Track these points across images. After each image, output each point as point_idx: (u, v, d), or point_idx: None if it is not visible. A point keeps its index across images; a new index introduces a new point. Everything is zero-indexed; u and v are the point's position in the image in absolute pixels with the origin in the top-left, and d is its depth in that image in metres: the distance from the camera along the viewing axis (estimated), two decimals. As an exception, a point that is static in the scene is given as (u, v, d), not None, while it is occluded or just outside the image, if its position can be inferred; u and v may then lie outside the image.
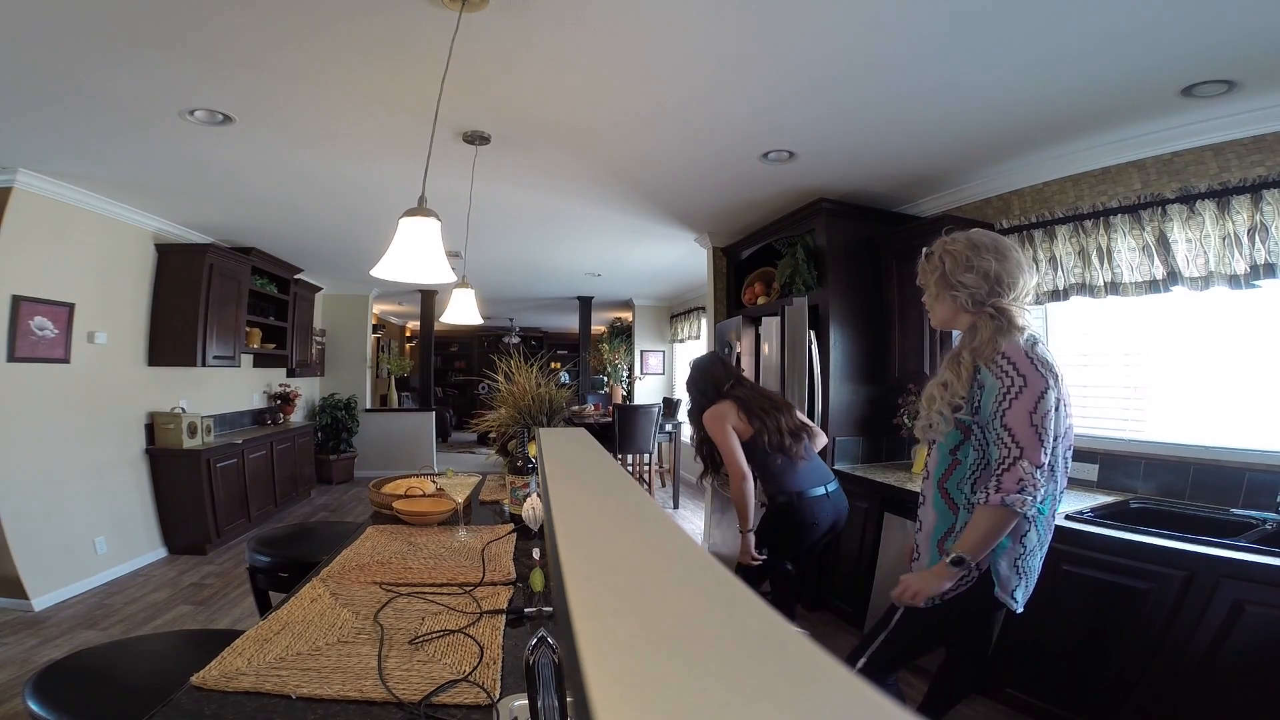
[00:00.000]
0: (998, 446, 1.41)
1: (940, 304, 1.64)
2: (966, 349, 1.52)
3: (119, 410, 3.92)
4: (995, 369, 1.44)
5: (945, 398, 1.53)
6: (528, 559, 1.55)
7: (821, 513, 2.33)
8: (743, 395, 2.42)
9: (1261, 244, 2.10)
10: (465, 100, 2.28)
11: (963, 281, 1.54)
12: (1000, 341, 1.47)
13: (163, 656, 1.36)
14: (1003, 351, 1.45)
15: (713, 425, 2.39)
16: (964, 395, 1.50)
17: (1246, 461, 2.21)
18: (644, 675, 0.22)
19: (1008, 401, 1.40)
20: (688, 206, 3.81)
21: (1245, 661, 1.67)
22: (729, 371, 2.55)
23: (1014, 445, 1.38)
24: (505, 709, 0.94)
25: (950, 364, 1.56)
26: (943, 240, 1.63)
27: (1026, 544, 1.52)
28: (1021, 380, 1.40)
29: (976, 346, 1.50)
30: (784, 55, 1.97)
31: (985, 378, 1.45)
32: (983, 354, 1.48)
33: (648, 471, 6.17)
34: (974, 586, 1.53)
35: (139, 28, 1.82)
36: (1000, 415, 1.40)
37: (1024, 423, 1.37)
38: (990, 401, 1.44)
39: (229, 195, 3.60)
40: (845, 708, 0.21)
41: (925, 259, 1.66)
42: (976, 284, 1.53)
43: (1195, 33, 1.78)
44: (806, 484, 2.33)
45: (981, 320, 1.53)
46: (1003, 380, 1.42)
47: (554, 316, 11.06)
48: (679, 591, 0.31)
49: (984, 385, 1.46)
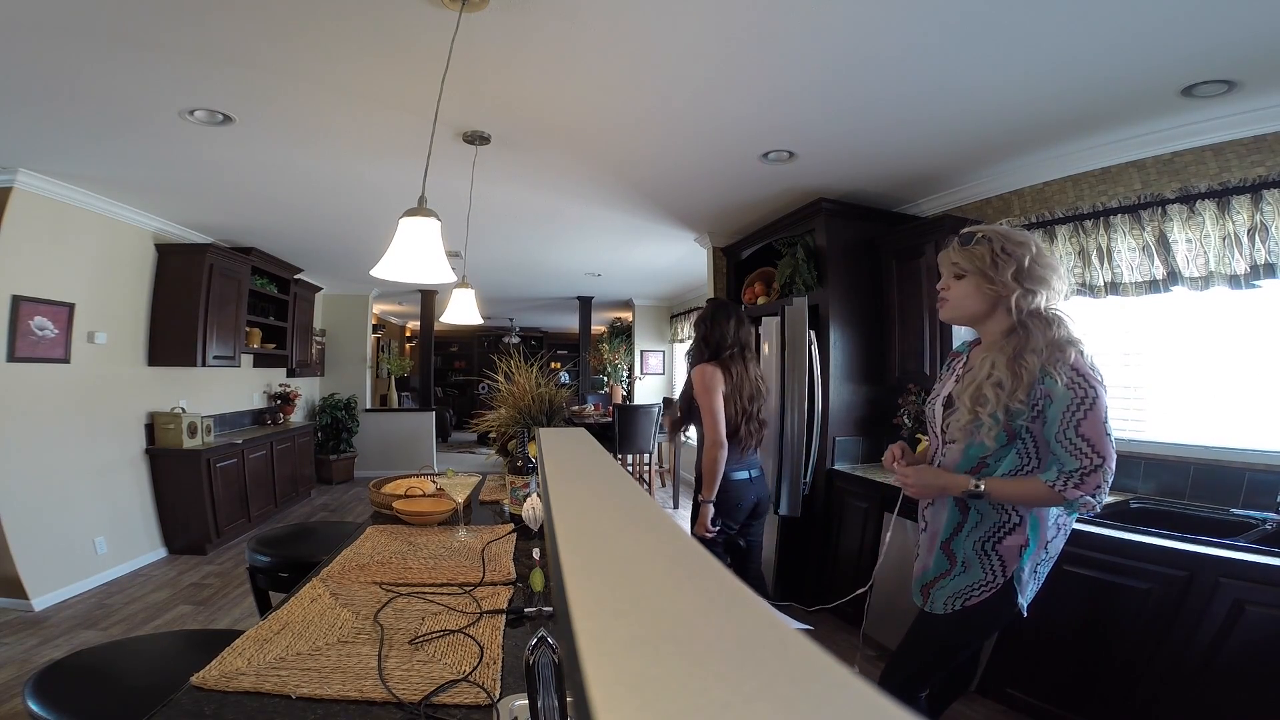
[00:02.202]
0: (1075, 456, 1.39)
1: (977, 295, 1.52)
2: (1029, 352, 1.43)
3: (119, 410, 3.92)
4: (1065, 380, 1.40)
5: (1001, 399, 1.45)
6: (528, 559, 1.55)
7: (745, 494, 2.41)
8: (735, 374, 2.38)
9: (1261, 244, 2.10)
10: (465, 100, 2.28)
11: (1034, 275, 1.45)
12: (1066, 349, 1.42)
13: (163, 656, 1.36)
14: (1071, 364, 1.40)
15: (699, 387, 2.37)
16: (1024, 399, 1.43)
17: (1246, 461, 2.21)
18: (644, 675, 0.22)
19: (1082, 413, 1.39)
20: (688, 206, 3.81)
21: (1245, 661, 1.67)
22: (738, 336, 2.44)
23: (1094, 455, 1.38)
24: (505, 709, 0.93)
25: (1008, 365, 1.45)
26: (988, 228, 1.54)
27: (1050, 551, 1.51)
28: (1094, 392, 1.39)
29: (1039, 349, 1.43)
30: (784, 55, 1.97)
31: (1053, 388, 1.40)
32: (1051, 361, 1.42)
33: (648, 471, 6.17)
34: (999, 594, 1.49)
35: (139, 28, 1.82)
36: (1074, 426, 1.39)
37: (1099, 433, 1.39)
38: (1059, 412, 1.40)
39: (229, 195, 3.60)
40: (845, 707, 0.21)
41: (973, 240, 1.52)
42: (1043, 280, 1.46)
43: (1195, 33, 1.78)
44: (735, 469, 2.39)
45: (1036, 322, 1.46)
46: (1075, 392, 1.39)
47: (554, 316, 11.06)
48: (679, 591, 0.31)
49: (1051, 396, 1.41)
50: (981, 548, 1.51)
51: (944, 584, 1.57)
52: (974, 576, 1.51)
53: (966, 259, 1.52)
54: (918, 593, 1.65)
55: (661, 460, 7.08)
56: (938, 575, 1.59)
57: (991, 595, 1.49)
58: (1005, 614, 1.52)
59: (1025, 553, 1.47)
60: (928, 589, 1.62)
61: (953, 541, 1.56)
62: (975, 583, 1.51)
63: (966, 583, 1.52)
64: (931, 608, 1.59)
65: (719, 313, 2.48)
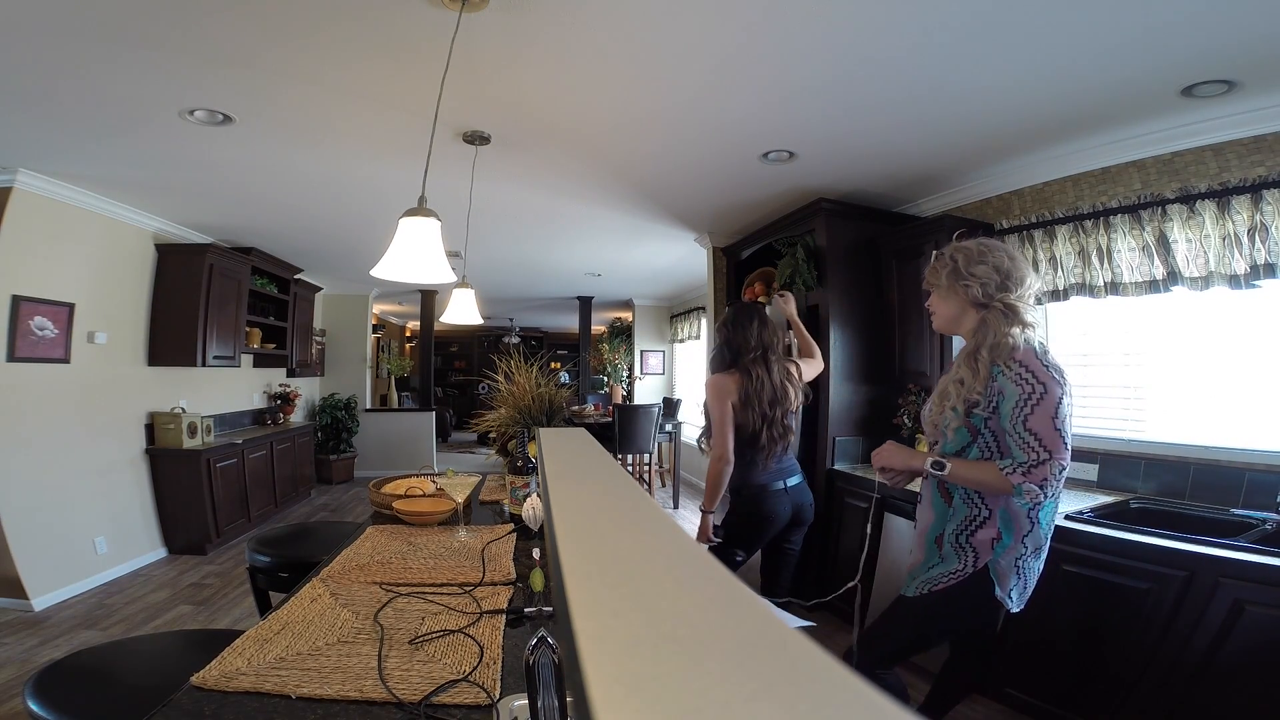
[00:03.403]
0: (1023, 450, 1.46)
1: (948, 302, 1.66)
2: (984, 346, 1.54)
3: (119, 410, 3.92)
4: (1013, 376, 1.48)
5: (960, 394, 1.57)
6: (528, 559, 1.55)
7: (779, 506, 2.31)
8: (755, 377, 2.27)
9: (1261, 244, 2.10)
10: (465, 100, 2.28)
11: (974, 273, 1.58)
12: (1014, 341, 1.50)
13: (163, 656, 1.36)
14: (1019, 359, 1.48)
15: (712, 396, 2.31)
16: (980, 392, 1.53)
17: (1246, 461, 2.21)
18: (644, 675, 0.22)
19: (1029, 408, 1.45)
20: (688, 206, 3.81)
21: (1245, 661, 1.67)
22: (761, 338, 2.32)
23: (1041, 449, 1.44)
24: (505, 709, 0.94)
25: (967, 361, 1.58)
26: (953, 244, 1.69)
27: (1028, 544, 1.54)
28: (1042, 387, 1.45)
29: (994, 344, 1.53)
30: (784, 55, 1.97)
31: (1004, 385, 1.49)
32: (1000, 354, 1.51)
33: (648, 471, 6.18)
34: (966, 582, 1.56)
35: (139, 28, 1.82)
36: (1023, 420, 1.46)
37: (1048, 427, 1.44)
38: (1010, 408, 1.48)
39: (229, 195, 3.60)
40: (845, 707, 0.21)
41: (936, 258, 1.70)
42: (988, 275, 1.57)
43: (1195, 33, 1.78)
44: (769, 478, 2.31)
45: (991, 315, 1.57)
46: (1022, 387, 1.46)
47: (554, 316, 11.06)
48: (679, 591, 0.31)
49: (1003, 392, 1.49)
50: (957, 540, 1.59)
51: (917, 571, 1.68)
52: (949, 565, 1.60)
53: (931, 274, 1.71)
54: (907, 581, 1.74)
55: (661, 460, 7.08)
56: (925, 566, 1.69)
57: (959, 582, 1.57)
58: (982, 603, 1.58)
59: (998, 545, 1.55)
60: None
61: (942, 536, 1.64)
62: (948, 571, 1.60)
63: (941, 570, 1.61)
64: (904, 590, 1.70)
65: (741, 315, 2.37)
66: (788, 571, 2.47)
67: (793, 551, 2.45)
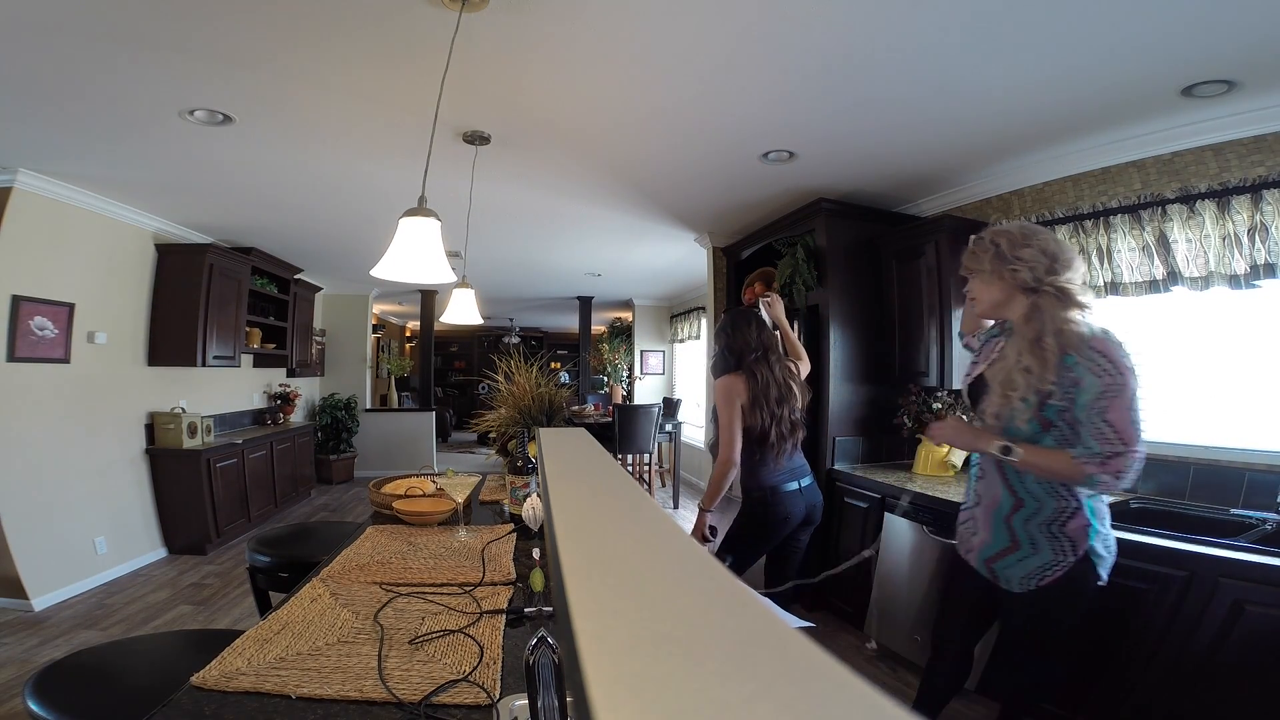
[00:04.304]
0: (1098, 440, 1.42)
1: (991, 287, 1.60)
2: (1047, 334, 1.48)
3: (119, 410, 3.92)
4: (1093, 366, 1.43)
5: (1030, 384, 1.50)
6: (528, 559, 1.55)
7: (794, 507, 2.32)
8: (761, 377, 2.30)
9: (1261, 244, 2.10)
10: (465, 100, 2.28)
11: (1021, 257, 1.52)
12: (1082, 329, 1.45)
13: (163, 656, 1.36)
14: (1097, 348, 1.43)
15: (721, 399, 2.32)
16: (1054, 382, 1.47)
17: (1246, 461, 2.21)
18: (644, 675, 0.22)
19: (1107, 400, 1.41)
20: (688, 206, 3.81)
21: (1245, 661, 1.67)
22: (761, 339, 2.38)
23: (1117, 440, 1.41)
24: (505, 709, 0.94)
25: (1031, 349, 1.50)
26: (991, 228, 1.63)
27: (1106, 525, 1.57)
28: (1123, 379, 1.41)
29: (1058, 330, 1.47)
30: (784, 55, 1.97)
31: (1082, 375, 1.44)
32: (1071, 341, 1.45)
33: (648, 471, 6.18)
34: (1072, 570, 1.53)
35: (139, 28, 1.82)
36: (1100, 412, 1.42)
37: (1125, 419, 1.41)
38: (1088, 399, 1.43)
39: (229, 195, 3.60)
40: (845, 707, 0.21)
41: (975, 242, 1.64)
42: (1035, 258, 1.52)
43: (1195, 33, 1.78)
44: (782, 479, 2.31)
45: (1044, 300, 1.51)
46: (1103, 379, 1.42)
47: (554, 316, 11.06)
48: (679, 591, 0.31)
49: (1081, 383, 1.44)
50: (1049, 530, 1.56)
51: (1011, 562, 1.62)
52: (1044, 557, 1.56)
53: (971, 258, 1.65)
54: (981, 565, 1.71)
55: (661, 460, 7.08)
56: (1000, 551, 1.65)
57: (1066, 572, 1.54)
58: (1089, 587, 1.56)
59: (1091, 532, 1.53)
60: (991, 563, 1.68)
61: (1012, 519, 1.61)
62: (1047, 563, 1.56)
63: (1038, 563, 1.57)
64: (1008, 585, 1.65)
65: (739, 319, 2.43)
66: (792, 568, 2.48)
67: (798, 550, 2.47)
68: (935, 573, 2.50)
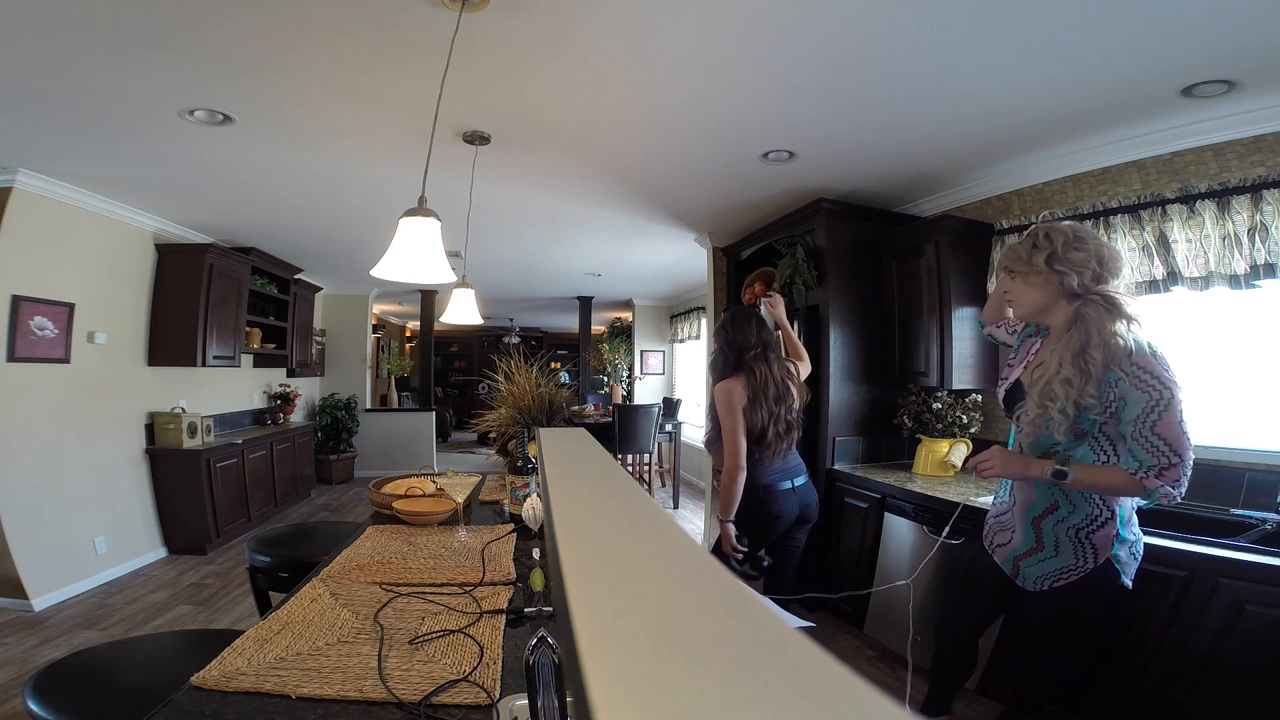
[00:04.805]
0: (1151, 454, 1.41)
1: (1035, 289, 1.55)
2: (1093, 346, 1.45)
3: (119, 410, 3.92)
4: (1136, 381, 1.41)
5: (1070, 395, 1.47)
6: (528, 559, 1.55)
7: (786, 506, 2.32)
8: (759, 375, 2.30)
9: (1261, 244, 2.10)
10: (465, 100, 2.28)
11: (1071, 260, 1.48)
12: (1126, 343, 1.43)
13: (163, 656, 1.36)
14: (1137, 363, 1.42)
15: (722, 405, 2.31)
16: (1095, 396, 1.45)
17: (1246, 461, 2.21)
18: (644, 675, 0.22)
19: (1157, 414, 1.41)
20: (688, 206, 3.81)
21: (1245, 661, 1.67)
22: (760, 337, 2.37)
23: (1171, 453, 1.41)
24: (505, 709, 0.94)
25: (1075, 361, 1.47)
26: (1044, 224, 1.59)
27: (1135, 533, 1.57)
28: (1169, 393, 1.41)
29: (1105, 344, 1.44)
30: (784, 55, 1.97)
31: (1126, 391, 1.42)
32: (1115, 357, 1.43)
33: (648, 471, 6.18)
34: (1089, 577, 1.54)
35: (139, 28, 1.82)
36: (1150, 426, 1.41)
37: (1175, 431, 1.41)
38: (1134, 414, 1.42)
39: (229, 195, 3.60)
40: (845, 707, 0.21)
41: (1028, 237, 1.57)
42: (1085, 263, 1.48)
43: (1196, 34, 1.78)
44: (776, 478, 2.31)
45: (1090, 309, 1.47)
46: (1149, 394, 1.41)
47: (554, 316, 11.06)
48: (679, 591, 0.31)
49: (1125, 399, 1.43)
50: (1075, 535, 1.55)
51: (1033, 562, 1.63)
52: (1064, 561, 1.56)
53: (1010, 259, 1.60)
54: (1009, 561, 1.71)
55: (661, 460, 7.08)
56: (1026, 550, 1.65)
57: (1081, 578, 1.54)
58: (1107, 594, 1.56)
59: (1117, 542, 1.53)
60: (1018, 561, 1.68)
61: (1042, 521, 1.60)
62: (1064, 567, 1.56)
63: (1056, 566, 1.58)
64: (1023, 582, 1.67)
65: (739, 316, 2.43)
66: (790, 569, 2.48)
67: (796, 549, 2.46)
68: (935, 573, 2.50)
